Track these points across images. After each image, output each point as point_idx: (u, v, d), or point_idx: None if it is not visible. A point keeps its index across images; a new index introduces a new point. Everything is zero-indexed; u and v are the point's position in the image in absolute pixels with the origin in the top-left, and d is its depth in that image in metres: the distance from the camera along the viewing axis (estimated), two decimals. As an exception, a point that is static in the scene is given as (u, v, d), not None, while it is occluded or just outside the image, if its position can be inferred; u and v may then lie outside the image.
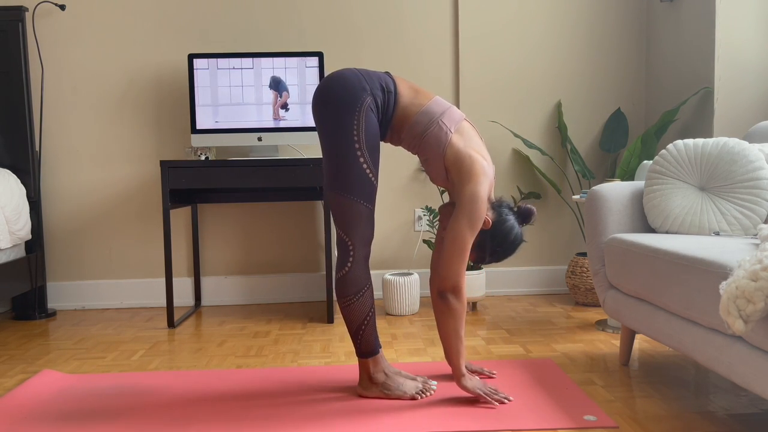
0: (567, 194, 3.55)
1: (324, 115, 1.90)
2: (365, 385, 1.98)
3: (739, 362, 1.52)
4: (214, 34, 3.39)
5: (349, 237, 1.90)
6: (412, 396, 1.95)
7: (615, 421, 1.78)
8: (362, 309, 1.93)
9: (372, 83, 1.91)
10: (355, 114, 1.86)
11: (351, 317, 1.94)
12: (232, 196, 3.37)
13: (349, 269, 1.91)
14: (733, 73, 2.89)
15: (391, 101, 1.93)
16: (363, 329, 1.94)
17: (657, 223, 2.17)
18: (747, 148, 2.11)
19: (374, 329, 1.96)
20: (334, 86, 1.90)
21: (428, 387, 1.99)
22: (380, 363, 1.98)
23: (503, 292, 3.55)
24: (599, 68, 3.52)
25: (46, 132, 3.38)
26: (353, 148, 1.86)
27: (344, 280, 1.92)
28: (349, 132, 1.86)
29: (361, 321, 1.94)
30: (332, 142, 1.88)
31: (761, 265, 1.38)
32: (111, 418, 1.87)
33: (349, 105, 1.86)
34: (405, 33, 3.45)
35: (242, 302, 3.48)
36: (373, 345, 1.96)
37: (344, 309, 1.95)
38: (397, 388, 1.96)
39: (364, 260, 1.93)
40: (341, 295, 1.94)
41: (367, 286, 1.93)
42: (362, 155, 1.87)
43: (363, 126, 1.87)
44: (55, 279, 3.42)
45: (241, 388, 2.10)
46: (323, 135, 1.91)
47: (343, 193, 1.88)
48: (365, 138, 1.87)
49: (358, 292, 1.92)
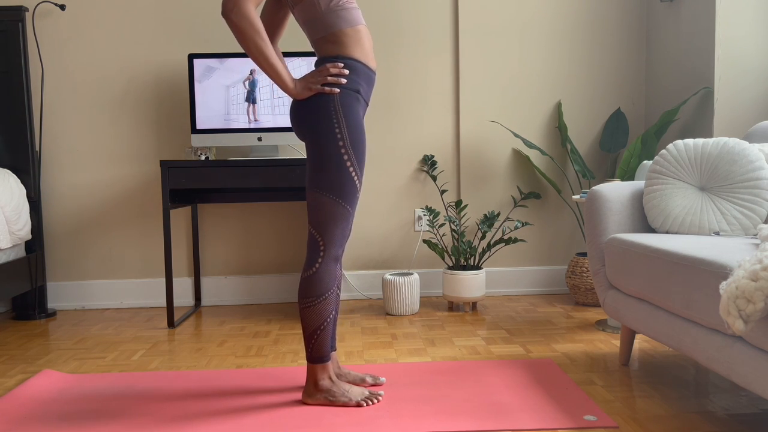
0: (567, 194, 3.55)
1: (302, 127, 1.86)
2: (310, 391, 1.94)
3: (739, 362, 1.52)
4: (214, 34, 3.40)
5: (322, 235, 1.86)
6: (358, 403, 1.91)
7: (615, 421, 1.78)
8: (322, 313, 1.88)
9: None
10: (332, 114, 1.82)
11: (309, 320, 1.88)
12: (232, 196, 3.37)
13: (317, 269, 1.86)
14: (733, 73, 2.89)
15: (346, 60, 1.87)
16: (318, 334, 1.89)
17: (657, 223, 2.17)
18: (747, 148, 2.11)
19: (329, 336, 1.91)
20: (301, 102, 1.87)
21: (375, 395, 1.95)
22: (328, 370, 1.93)
23: (503, 292, 3.55)
24: (599, 68, 3.52)
25: (46, 132, 3.38)
26: (337, 147, 1.82)
27: (310, 279, 1.86)
28: (332, 135, 1.82)
29: (318, 325, 1.88)
30: (315, 145, 1.84)
31: (761, 265, 1.38)
32: (111, 418, 1.87)
33: (323, 111, 1.83)
34: (405, 33, 3.45)
35: (242, 302, 3.48)
36: (324, 352, 1.91)
37: (303, 310, 1.88)
38: (342, 394, 1.92)
39: (334, 261, 1.88)
40: (303, 296, 1.87)
41: (330, 291, 1.88)
42: (347, 153, 1.83)
43: (344, 124, 1.83)
44: (55, 279, 3.42)
45: (241, 388, 2.10)
46: (307, 143, 1.87)
47: (325, 192, 1.84)
48: (348, 134, 1.83)
49: (322, 294, 1.87)
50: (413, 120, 3.48)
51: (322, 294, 1.87)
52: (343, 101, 1.84)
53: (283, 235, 3.49)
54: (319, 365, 1.92)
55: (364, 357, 2.44)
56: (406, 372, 2.22)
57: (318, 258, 1.86)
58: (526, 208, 3.54)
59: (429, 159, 3.44)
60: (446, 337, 2.69)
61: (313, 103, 1.84)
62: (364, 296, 3.51)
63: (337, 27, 1.86)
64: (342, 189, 1.84)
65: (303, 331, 1.91)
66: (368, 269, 3.52)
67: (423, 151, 3.49)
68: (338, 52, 1.86)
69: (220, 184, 2.94)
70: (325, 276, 1.86)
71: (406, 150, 3.48)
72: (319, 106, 1.83)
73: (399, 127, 3.48)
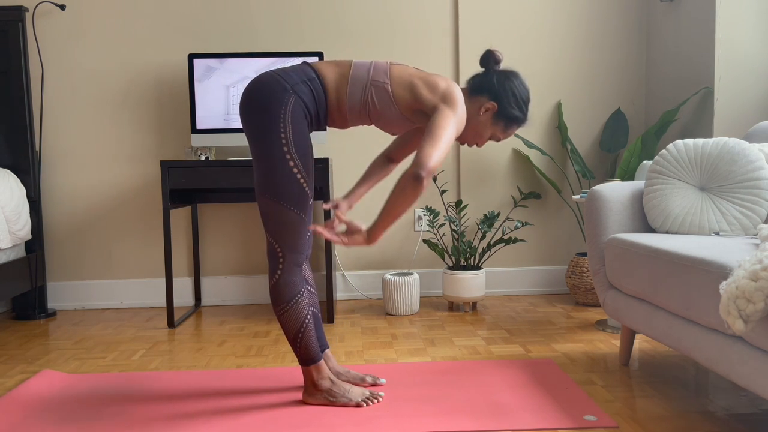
0: (567, 194, 3.55)
1: (249, 124, 1.83)
2: (310, 392, 1.94)
3: (739, 362, 1.52)
4: (214, 34, 3.40)
5: (278, 243, 1.85)
6: (358, 403, 1.91)
7: (615, 421, 1.78)
8: (297, 317, 1.88)
9: (291, 80, 1.84)
10: (281, 118, 1.80)
11: (287, 325, 1.89)
12: (232, 196, 3.37)
13: (279, 277, 1.86)
14: (733, 73, 2.89)
15: (318, 87, 1.86)
16: (300, 337, 1.89)
17: (657, 223, 2.17)
18: (747, 148, 2.11)
19: (313, 336, 1.91)
20: (253, 94, 1.83)
21: (375, 395, 1.95)
22: (323, 370, 1.93)
23: (503, 292, 3.55)
24: (599, 68, 3.52)
25: (46, 132, 3.38)
26: (282, 152, 1.80)
27: (276, 288, 1.87)
28: (276, 137, 1.80)
29: (298, 329, 1.88)
30: (261, 147, 1.81)
31: (761, 265, 1.38)
32: (111, 418, 1.87)
33: (273, 110, 1.80)
34: (405, 33, 3.45)
35: (242, 302, 3.48)
36: (314, 352, 1.91)
37: (279, 317, 1.89)
38: (343, 395, 1.92)
39: (296, 267, 1.87)
40: (275, 303, 1.88)
41: (300, 293, 1.88)
42: (292, 159, 1.80)
43: (290, 129, 1.80)
44: (55, 279, 3.42)
45: (241, 388, 2.10)
46: (252, 143, 1.84)
47: (273, 198, 1.82)
48: (294, 141, 1.81)
49: (290, 299, 1.86)
50: (413, 120, 3.48)
51: (290, 299, 1.87)
52: (294, 109, 1.81)
53: (283, 235, 3.48)
54: (312, 366, 1.92)
55: (364, 357, 2.44)
56: (406, 372, 2.22)
57: (278, 266, 1.86)
58: (526, 208, 3.54)
59: (429, 159, 3.44)
60: (446, 337, 2.69)
61: (263, 104, 1.81)
62: (364, 296, 3.51)
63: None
64: (291, 195, 1.82)
65: (286, 337, 1.92)
66: (368, 269, 3.52)
67: (423, 151, 3.49)
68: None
69: (220, 184, 2.94)
70: (290, 281, 1.86)
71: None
72: (270, 108, 1.80)
73: (399, 127, 3.47)
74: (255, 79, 1.86)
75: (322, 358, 1.94)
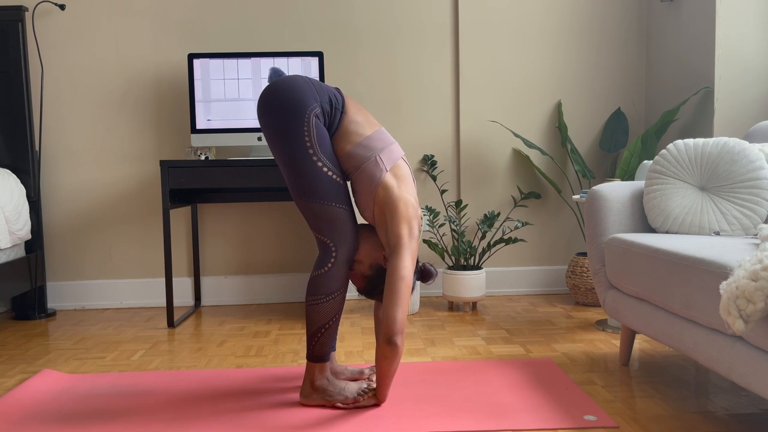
0: (567, 194, 3.55)
1: (271, 121, 1.83)
2: (306, 392, 1.93)
3: (739, 362, 1.52)
4: (214, 34, 3.39)
5: (329, 239, 1.86)
6: (355, 399, 1.90)
7: (615, 421, 1.78)
8: (328, 312, 1.88)
9: (322, 95, 1.85)
10: (305, 119, 1.80)
11: (314, 318, 1.88)
12: (232, 196, 3.37)
13: (329, 269, 1.86)
14: (733, 73, 2.89)
15: (336, 118, 1.88)
16: (322, 333, 1.89)
17: (657, 223, 2.17)
18: (747, 148, 2.11)
19: (332, 336, 1.91)
20: (283, 90, 1.83)
21: (371, 387, 1.94)
22: (326, 370, 1.93)
23: (503, 292, 3.55)
24: (599, 68, 3.52)
25: (46, 132, 3.38)
26: (307, 154, 1.80)
27: (319, 278, 1.87)
28: (300, 138, 1.80)
29: (323, 324, 1.89)
30: (284, 149, 1.82)
31: (761, 265, 1.38)
32: (111, 418, 1.87)
33: (299, 110, 1.80)
34: (405, 33, 3.45)
35: (242, 302, 3.48)
36: (326, 351, 1.91)
37: (310, 308, 1.89)
38: (339, 393, 1.91)
39: (345, 264, 1.88)
40: (312, 293, 1.88)
41: (340, 290, 1.88)
42: (319, 159, 1.81)
43: (314, 132, 1.81)
44: (55, 279, 3.42)
45: (241, 388, 2.10)
46: (273, 143, 1.84)
47: (312, 199, 1.83)
48: (318, 143, 1.81)
49: (330, 293, 1.87)
50: (413, 120, 3.48)
51: (330, 293, 1.87)
52: (315, 115, 1.84)
53: (283, 235, 3.48)
54: (317, 364, 1.92)
55: (364, 357, 2.44)
56: (406, 372, 2.22)
57: (330, 259, 1.87)
58: (526, 208, 3.54)
59: (429, 159, 3.44)
60: (446, 337, 2.69)
61: (291, 102, 1.82)
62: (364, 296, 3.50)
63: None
64: (329, 191, 1.83)
65: (306, 328, 1.91)
66: (368, 269, 3.51)
67: (423, 150, 3.49)
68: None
69: (220, 184, 2.94)
70: (337, 275, 1.87)
71: (406, 150, 3.48)
72: (297, 107, 1.81)
73: (399, 127, 3.48)
74: (288, 77, 1.88)
75: (329, 359, 1.94)
